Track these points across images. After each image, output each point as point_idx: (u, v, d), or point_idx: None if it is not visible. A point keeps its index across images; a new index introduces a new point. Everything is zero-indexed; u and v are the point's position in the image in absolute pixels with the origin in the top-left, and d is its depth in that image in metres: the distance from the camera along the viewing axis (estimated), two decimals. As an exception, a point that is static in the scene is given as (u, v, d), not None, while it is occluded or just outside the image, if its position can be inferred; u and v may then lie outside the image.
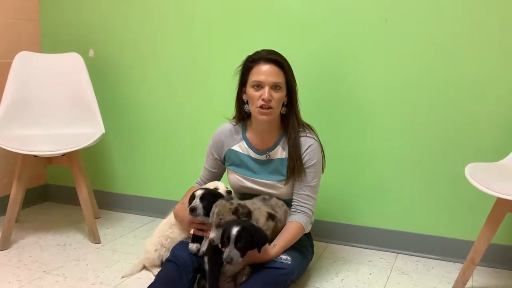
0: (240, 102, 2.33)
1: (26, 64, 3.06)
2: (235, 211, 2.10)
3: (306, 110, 2.42)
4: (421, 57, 2.67)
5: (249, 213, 2.13)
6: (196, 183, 2.50)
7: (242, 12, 2.97)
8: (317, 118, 2.81)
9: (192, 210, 2.17)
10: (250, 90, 2.24)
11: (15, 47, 3.22)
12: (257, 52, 2.28)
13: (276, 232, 2.24)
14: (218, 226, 2.06)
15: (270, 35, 2.91)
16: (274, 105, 2.22)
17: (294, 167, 2.28)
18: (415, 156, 2.75)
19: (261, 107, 2.20)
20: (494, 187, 2.15)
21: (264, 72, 2.21)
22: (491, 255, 2.58)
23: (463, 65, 2.61)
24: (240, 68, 2.31)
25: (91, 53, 3.33)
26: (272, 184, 2.33)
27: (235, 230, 1.97)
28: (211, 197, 2.20)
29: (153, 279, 2.22)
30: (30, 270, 2.51)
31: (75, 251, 2.76)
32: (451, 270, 2.63)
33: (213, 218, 2.09)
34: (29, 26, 3.39)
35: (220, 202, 2.13)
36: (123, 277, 2.46)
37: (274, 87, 2.21)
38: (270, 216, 2.21)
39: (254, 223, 2.12)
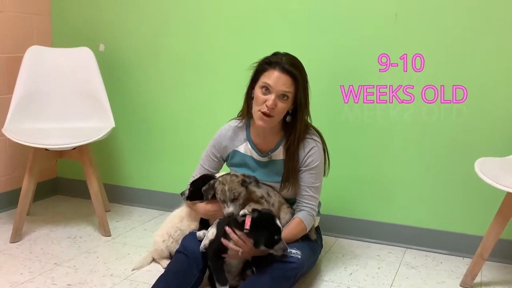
0: (249, 98, 2.28)
1: (37, 58, 3.08)
2: (243, 182, 2.17)
3: (315, 107, 2.41)
4: (432, 53, 2.65)
5: (256, 181, 2.20)
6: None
7: (251, 8, 2.96)
8: (327, 114, 2.82)
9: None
10: (257, 91, 2.18)
11: (27, 41, 3.24)
12: (277, 55, 2.20)
13: None
14: (233, 200, 2.14)
15: (278, 32, 2.91)
16: (276, 114, 2.17)
17: (288, 178, 2.27)
18: (425, 151, 2.74)
19: (263, 113, 2.16)
20: (504, 182, 2.15)
21: (276, 78, 2.13)
22: (500, 250, 2.58)
23: (474, 61, 2.59)
24: (255, 65, 2.24)
25: (101, 47, 3.34)
26: (272, 186, 2.32)
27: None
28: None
29: (163, 271, 2.24)
30: (41, 262, 2.54)
31: (86, 244, 2.79)
32: (460, 265, 2.63)
33: (225, 195, 2.14)
34: (40, 20, 3.41)
35: (225, 178, 2.18)
36: (133, 269, 2.48)
37: (282, 96, 2.15)
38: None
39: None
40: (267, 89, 2.15)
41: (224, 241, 2.08)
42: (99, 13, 3.34)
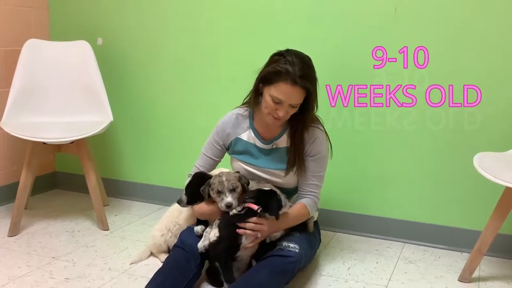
0: (257, 93, 2.24)
1: (35, 52, 3.07)
2: (240, 179, 2.22)
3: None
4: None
5: (248, 181, 2.26)
6: (191, 174, 2.39)
7: (250, 5, 2.94)
8: (329, 111, 2.79)
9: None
10: (267, 98, 2.14)
11: (24, 35, 3.23)
12: (288, 59, 2.10)
13: None
14: (231, 190, 2.16)
15: (277, 30, 2.88)
16: (287, 118, 2.19)
17: (295, 161, 2.27)
18: (424, 146, 2.73)
19: (274, 116, 2.16)
20: (503, 177, 2.15)
21: (288, 93, 2.09)
22: (499, 245, 2.57)
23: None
24: (265, 69, 2.16)
25: (99, 41, 3.33)
26: (276, 173, 2.32)
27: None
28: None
29: (161, 265, 2.23)
30: (39, 256, 2.54)
31: (84, 238, 2.79)
32: (458, 260, 2.63)
33: (223, 185, 2.16)
34: (38, 14, 3.39)
35: (222, 172, 2.23)
36: (131, 263, 2.48)
37: (293, 105, 2.14)
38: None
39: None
40: (278, 102, 2.12)
41: (241, 231, 2.10)
42: (97, 7, 3.32)
